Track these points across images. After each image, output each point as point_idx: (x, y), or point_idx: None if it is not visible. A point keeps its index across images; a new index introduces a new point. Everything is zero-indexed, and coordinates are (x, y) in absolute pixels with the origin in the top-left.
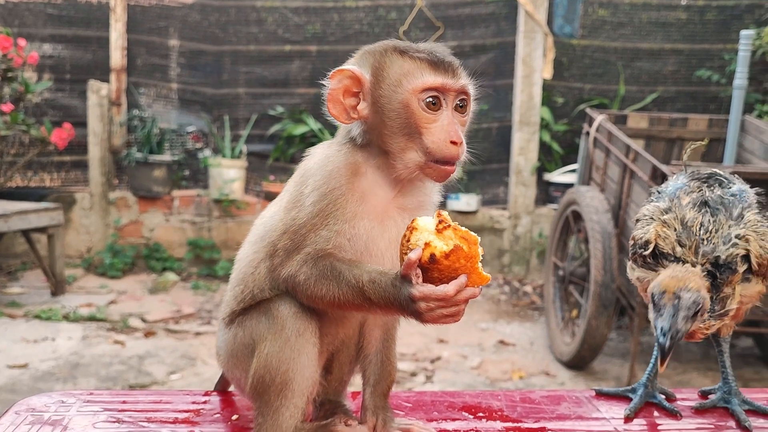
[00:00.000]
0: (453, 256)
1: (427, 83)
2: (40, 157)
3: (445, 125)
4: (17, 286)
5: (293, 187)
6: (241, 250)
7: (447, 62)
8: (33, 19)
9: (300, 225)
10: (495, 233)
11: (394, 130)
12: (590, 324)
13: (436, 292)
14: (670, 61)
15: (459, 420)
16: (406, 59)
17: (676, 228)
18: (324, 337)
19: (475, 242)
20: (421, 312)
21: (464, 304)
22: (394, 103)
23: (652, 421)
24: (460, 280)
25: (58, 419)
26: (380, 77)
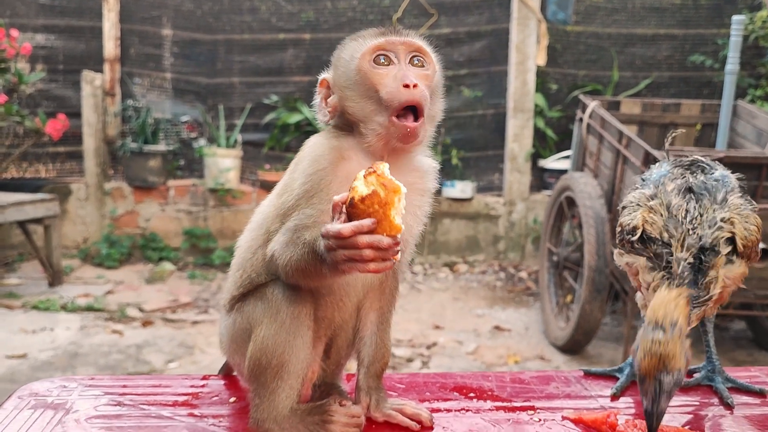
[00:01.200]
0: (368, 200)
1: (371, 45)
2: (35, 148)
3: (395, 73)
4: (14, 277)
5: (287, 174)
6: (241, 237)
7: (396, 28)
8: (25, 10)
9: (288, 207)
10: (490, 220)
11: (356, 99)
12: (584, 309)
13: (333, 229)
14: (663, 47)
15: (451, 400)
16: (355, 39)
17: (662, 213)
18: (321, 321)
19: (394, 190)
20: (327, 249)
21: (370, 250)
22: (350, 75)
23: (637, 399)
24: (360, 222)
25: (60, 403)
26: (338, 64)
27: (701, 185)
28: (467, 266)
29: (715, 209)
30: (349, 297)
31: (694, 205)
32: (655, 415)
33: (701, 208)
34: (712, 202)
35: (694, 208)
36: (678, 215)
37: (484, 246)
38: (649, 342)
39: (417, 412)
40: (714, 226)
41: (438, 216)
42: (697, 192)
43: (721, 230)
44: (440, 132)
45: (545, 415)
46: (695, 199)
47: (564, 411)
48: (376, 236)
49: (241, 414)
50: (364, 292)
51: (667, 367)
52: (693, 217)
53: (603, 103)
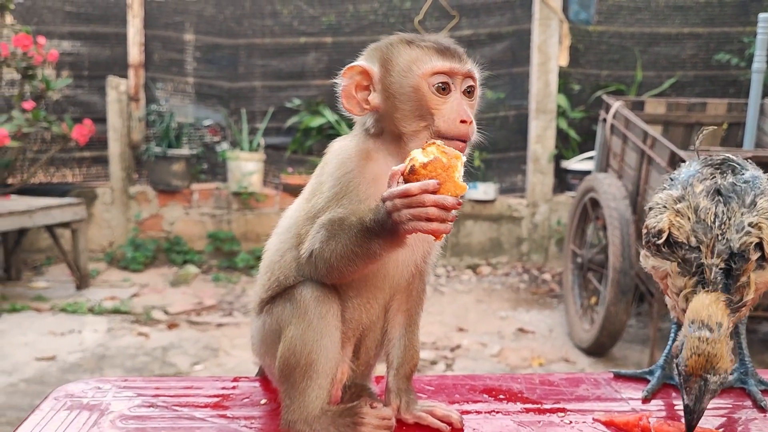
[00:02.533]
0: (430, 166)
1: (435, 67)
2: (62, 154)
3: (454, 106)
4: (43, 281)
5: (314, 179)
6: (269, 241)
7: (453, 49)
8: (52, 17)
9: (318, 209)
10: (513, 221)
11: (406, 113)
12: (609, 310)
13: (399, 188)
14: (688, 45)
15: (480, 402)
16: (414, 48)
17: (690, 217)
18: (349, 322)
19: (456, 156)
20: (389, 211)
21: (434, 208)
22: (405, 88)
23: (669, 402)
24: (427, 181)
25: (95, 404)
26: (389, 67)
27: (730, 188)
28: (490, 268)
29: (743, 213)
30: (376, 299)
31: (722, 209)
32: (696, 414)
33: (729, 212)
34: (740, 206)
35: (722, 212)
36: (706, 219)
37: (507, 248)
38: (696, 340)
39: (447, 413)
40: (742, 231)
41: (460, 218)
42: (726, 195)
43: (749, 235)
44: None
45: (576, 417)
46: (723, 203)
47: (595, 413)
48: (441, 195)
49: (272, 416)
50: (391, 294)
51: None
52: (722, 221)
53: (627, 103)
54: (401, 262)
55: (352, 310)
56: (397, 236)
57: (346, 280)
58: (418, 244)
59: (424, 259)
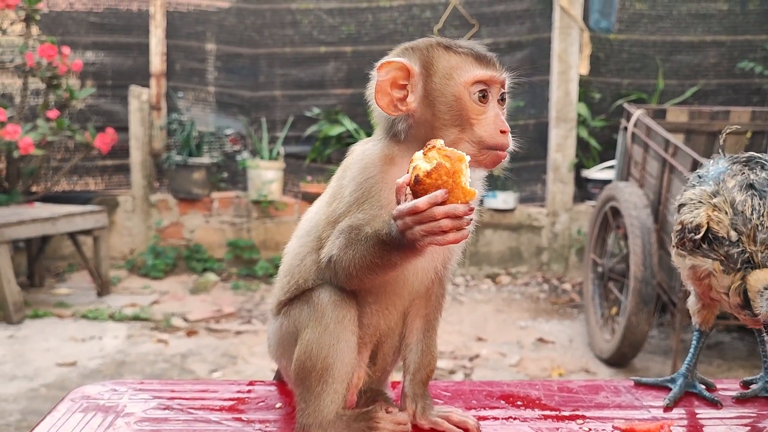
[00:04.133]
0: (435, 174)
1: (477, 76)
2: (85, 162)
3: (493, 116)
4: (65, 287)
5: (334, 182)
6: (289, 244)
7: (489, 56)
8: (76, 28)
9: (339, 214)
10: (533, 231)
11: (445, 122)
12: (630, 320)
13: (406, 205)
14: (710, 54)
15: (497, 408)
16: (452, 54)
17: (727, 211)
18: (366, 327)
19: (459, 159)
20: (402, 230)
21: (446, 219)
22: (447, 96)
23: (691, 411)
24: (433, 193)
25: (111, 406)
26: (431, 71)
27: (763, 182)
28: (510, 278)
29: None
30: (395, 305)
31: (758, 201)
32: None
33: (765, 204)
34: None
35: (759, 204)
36: (744, 212)
37: (527, 257)
38: None
39: (463, 419)
40: None
41: (480, 227)
42: (759, 189)
43: None
44: None
45: (595, 425)
46: (759, 195)
47: (614, 421)
48: (451, 205)
49: (288, 420)
50: (410, 300)
51: None
52: (760, 213)
53: (648, 111)
54: (420, 268)
55: (370, 315)
56: (414, 250)
57: (366, 287)
58: (437, 251)
59: (444, 264)
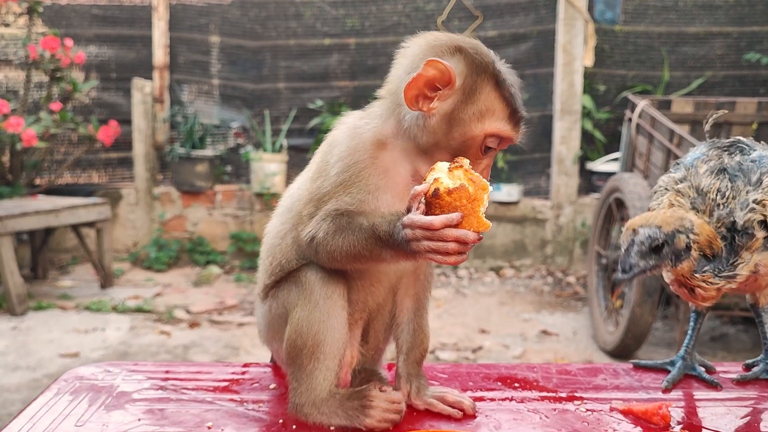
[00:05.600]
0: (456, 194)
1: (501, 131)
2: (88, 155)
3: (484, 166)
4: (68, 280)
5: (320, 156)
6: (270, 223)
7: (520, 116)
8: (79, 20)
9: (324, 193)
10: (537, 224)
11: (448, 147)
12: (634, 312)
13: (422, 220)
14: (717, 45)
15: (494, 390)
16: (497, 95)
17: (691, 195)
18: (355, 304)
19: (483, 188)
20: (408, 239)
21: (454, 243)
22: (466, 129)
23: (690, 393)
24: (450, 215)
25: (104, 386)
26: (469, 98)
27: (736, 166)
28: (514, 271)
29: (748, 191)
30: (380, 281)
31: (727, 184)
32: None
33: (734, 189)
34: (745, 184)
35: (726, 187)
36: (709, 193)
37: (531, 250)
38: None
39: (459, 400)
40: (746, 208)
41: None
42: (731, 174)
43: (753, 212)
44: None
45: (593, 406)
46: (729, 179)
47: (612, 402)
48: (463, 230)
49: (281, 400)
50: (397, 277)
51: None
52: (724, 195)
53: (653, 102)
54: None
55: (357, 291)
56: (411, 256)
57: (346, 269)
58: None
59: None
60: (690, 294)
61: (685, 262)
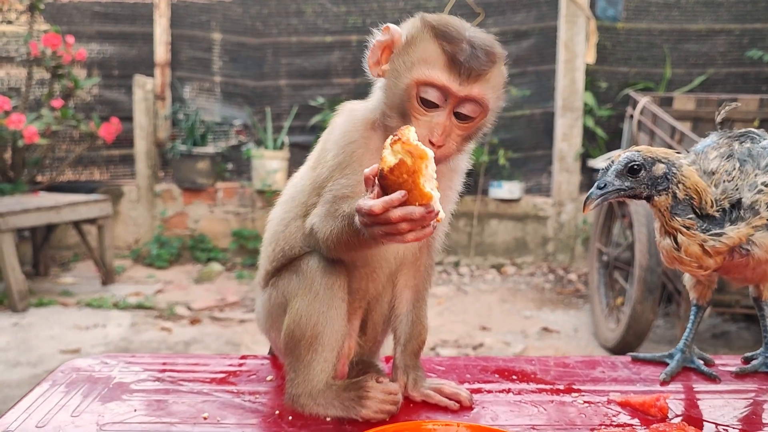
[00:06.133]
0: (396, 170)
1: (430, 78)
2: (90, 152)
3: (431, 122)
4: (70, 276)
5: (320, 145)
6: (273, 211)
7: (467, 61)
8: (81, 17)
9: (323, 179)
10: (539, 221)
11: (392, 103)
12: (635, 309)
13: (365, 207)
14: (719, 42)
15: (492, 382)
16: (434, 44)
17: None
18: (355, 293)
19: (421, 156)
20: (363, 226)
21: (405, 223)
22: (400, 81)
23: (688, 385)
24: (390, 197)
25: (101, 377)
26: (407, 50)
27: (745, 152)
28: (515, 268)
29: (756, 174)
30: (381, 269)
31: (735, 165)
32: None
33: (743, 173)
34: (754, 168)
35: (734, 168)
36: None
37: (532, 247)
38: None
39: (456, 391)
40: (754, 190)
41: (485, 217)
42: (741, 159)
43: (761, 193)
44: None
45: (590, 398)
46: (739, 163)
47: (610, 394)
48: (408, 208)
49: (278, 391)
50: (396, 265)
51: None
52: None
53: (655, 99)
54: None
55: (358, 280)
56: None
57: (346, 258)
58: None
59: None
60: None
61: (663, 194)
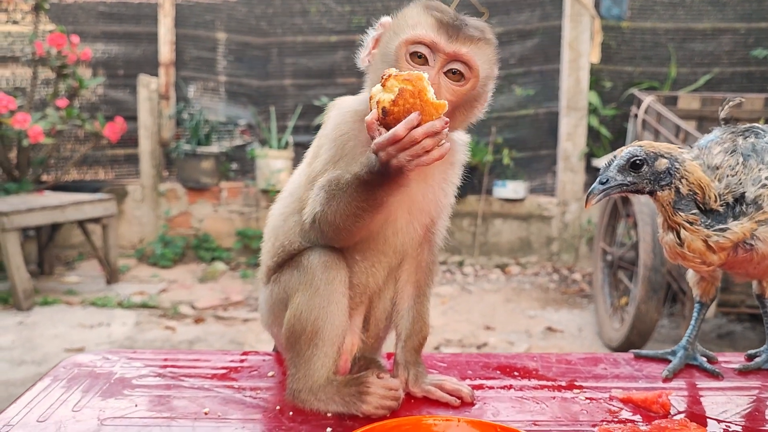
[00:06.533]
0: (400, 100)
1: (418, 36)
2: (95, 151)
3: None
4: (74, 275)
5: (315, 141)
6: (273, 206)
7: (453, 25)
8: (85, 17)
9: (318, 172)
10: (543, 221)
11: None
12: (639, 309)
13: (387, 136)
14: (724, 41)
15: (493, 378)
16: (421, 14)
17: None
18: (356, 287)
19: (419, 78)
20: (387, 163)
21: (429, 139)
22: (388, 49)
23: (691, 382)
24: (408, 118)
25: (102, 373)
26: (395, 24)
27: (750, 147)
28: (519, 268)
29: (761, 169)
30: (381, 263)
31: (738, 160)
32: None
33: (747, 167)
34: (758, 163)
35: (737, 163)
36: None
37: (536, 247)
38: None
39: (457, 387)
40: (758, 184)
41: (489, 217)
42: (744, 154)
43: (765, 188)
44: (491, 132)
45: (592, 394)
46: (743, 158)
47: (612, 391)
48: (428, 123)
49: (279, 387)
50: (397, 259)
51: None
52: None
53: (659, 98)
54: (399, 226)
55: (358, 274)
56: (400, 178)
57: (355, 238)
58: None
59: (429, 226)
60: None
61: (666, 189)
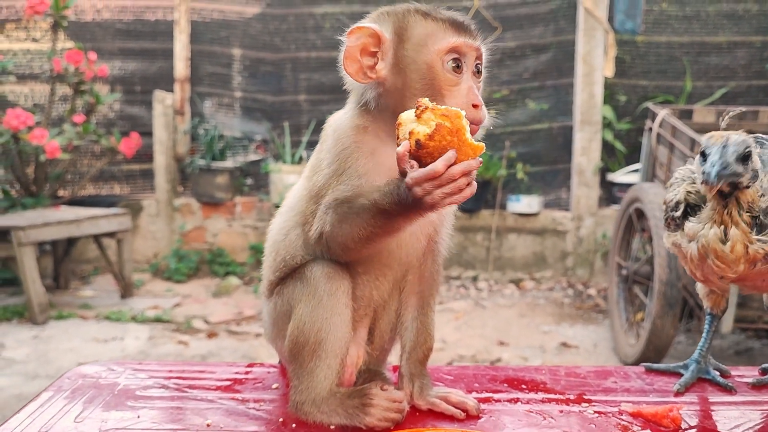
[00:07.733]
0: (437, 136)
1: (451, 44)
2: (110, 167)
3: (466, 89)
4: (89, 290)
5: (314, 155)
6: (273, 221)
7: (467, 24)
8: (103, 35)
9: (320, 187)
10: (558, 235)
11: (416, 91)
12: (655, 324)
13: (425, 172)
14: (740, 55)
15: (500, 392)
16: (429, 21)
17: None
18: (359, 300)
19: (457, 116)
20: (421, 198)
21: (464, 178)
22: (419, 64)
23: (703, 396)
24: (447, 155)
25: (106, 384)
26: (404, 37)
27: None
28: (534, 283)
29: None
30: (385, 276)
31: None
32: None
33: None
34: (766, 174)
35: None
36: None
37: (551, 262)
38: None
39: (463, 400)
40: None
41: (503, 231)
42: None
43: None
44: (505, 146)
45: (601, 408)
46: None
47: (622, 405)
48: (464, 162)
49: (283, 399)
50: (401, 272)
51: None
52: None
53: (674, 111)
54: (404, 239)
55: (362, 287)
56: (426, 210)
57: (362, 256)
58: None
59: (433, 237)
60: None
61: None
